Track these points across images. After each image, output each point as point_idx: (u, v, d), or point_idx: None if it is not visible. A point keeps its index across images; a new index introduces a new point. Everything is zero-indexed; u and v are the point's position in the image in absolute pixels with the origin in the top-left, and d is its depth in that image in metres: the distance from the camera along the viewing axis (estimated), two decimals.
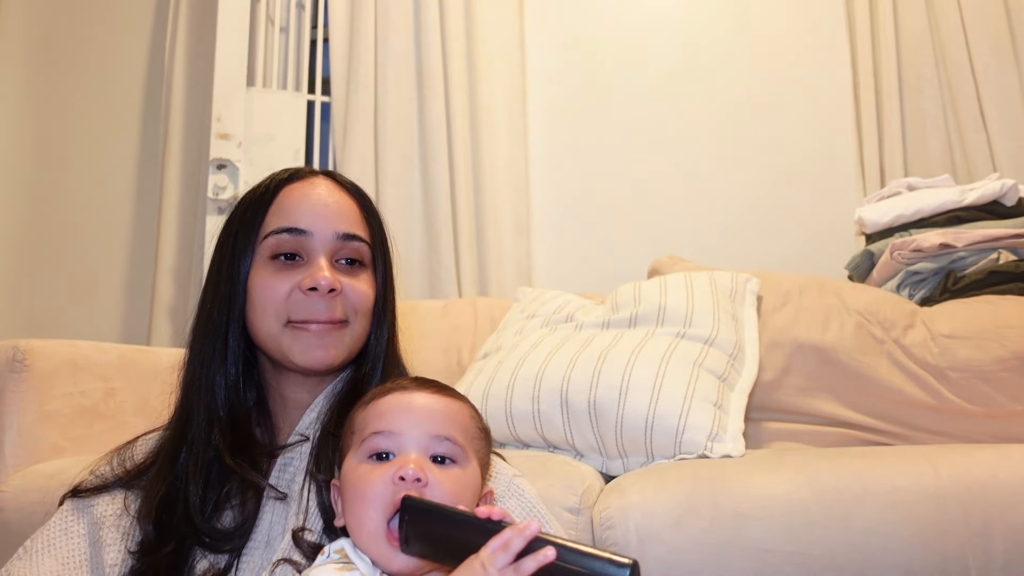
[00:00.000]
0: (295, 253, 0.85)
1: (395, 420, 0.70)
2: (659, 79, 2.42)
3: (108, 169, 2.54)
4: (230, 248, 0.87)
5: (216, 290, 0.87)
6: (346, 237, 0.86)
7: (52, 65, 2.58)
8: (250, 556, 0.78)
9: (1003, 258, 1.64)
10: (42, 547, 0.81)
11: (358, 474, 0.69)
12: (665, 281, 1.54)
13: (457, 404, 0.74)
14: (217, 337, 0.85)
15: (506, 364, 1.42)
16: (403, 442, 0.69)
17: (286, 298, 0.83)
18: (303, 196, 0.87)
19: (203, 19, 2.40)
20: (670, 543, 1.00)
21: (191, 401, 0.85)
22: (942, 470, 1.04)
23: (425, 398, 0.72)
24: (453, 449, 0.70)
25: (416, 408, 0.71)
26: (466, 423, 0.73)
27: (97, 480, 0.86)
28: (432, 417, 0.70)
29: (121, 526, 0.82)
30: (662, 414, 1.24)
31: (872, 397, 1.47)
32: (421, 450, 0.69)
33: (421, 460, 0.68)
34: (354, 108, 2.29)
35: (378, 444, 0.69)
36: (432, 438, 0.69)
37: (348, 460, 0.71)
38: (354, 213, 0.88)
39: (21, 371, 1.34)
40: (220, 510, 0.80)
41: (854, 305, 1.55)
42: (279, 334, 0.83)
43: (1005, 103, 2.22)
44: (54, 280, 2.50)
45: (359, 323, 0.86)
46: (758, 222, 2.33)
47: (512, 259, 2.26)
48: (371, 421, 0.71)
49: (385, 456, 0.69)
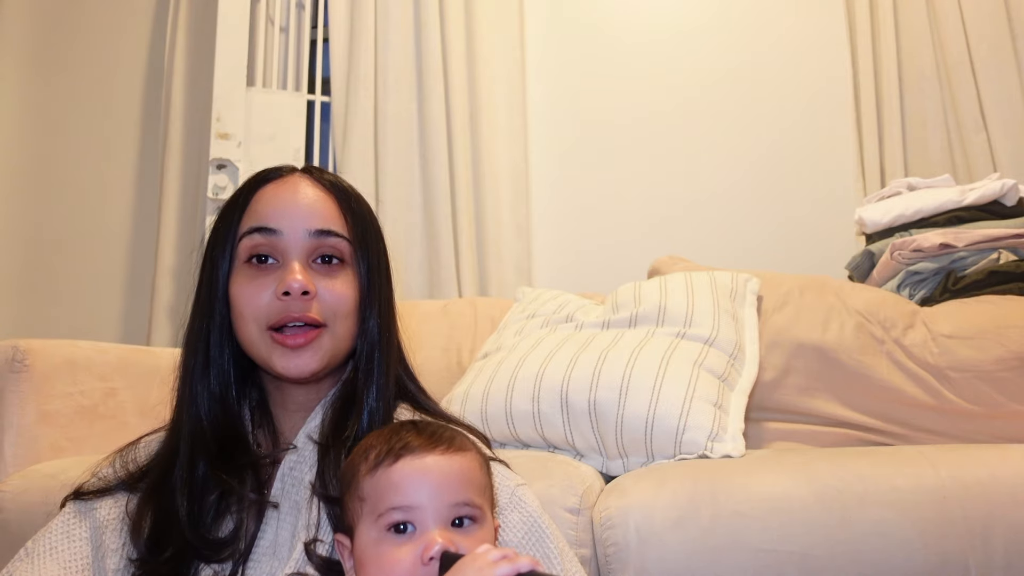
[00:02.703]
0: (268, 255, 0.83)
1: (412, 493, 0.68)
2: (659, 79, 2.42)
3: (108, 169, 2.54)
4: (210, 255, 0.86)
5: (198, 300, 0.86)
6: (320, 233, 0.84)
7: (52, 65, 2.58)
8: (256, 563, 0.77)
9: (1003, 258, 1.64)
10: (44, 550, 0.80)
11: (379, 551, 0.68)
12: (665, 281, 1.54)
13: (468, 460, 0.73)
14: (198, 348, 0.85)
15: (506, 364, 1.42)
16: (423, 515, 0.68)
17: (265, 305, 0.82)
18: (275, 195, 0.85)
19: (203, 19, 2.40)
20: (670, 543, 1.00)
21: (179, 412, 0.85)
22: (942, 470, 1.04)
23: (438, 462, 0.70)
24: (473, 511, 0.70)
25: (432, 475, 0.69)
26: (480, 480, 0.73)
27: (100, 482, 0.85)
28: (450, 483, 0.69)
29: (123, 532, 0.81)
30: (662, 414, 1.24)
31: (872, 397, 1.47)
32: (442, 521, 0.68)
33: (446, 534, 0.67)
34: (354, 108, 2.29)
35: (396, 519, 0.68)
36: (452, 506, 0.69)
37: (363, 531, 0.70)
38: (330, 208, 0.86)
39: (21, 371, 1.34)
40: (220, 518, 0.80)
41: (854, 305, 1.54)
42: (260, 342, 0.83)
43: (1005, 103, 2.22)
44: (54, 280, 2.50)
45: (340, 325, 0.84)
46: (758, 222, 2.33)
47: (512, 259, 2.26)
48: (385, 494, 0.69)
49: (403, 528, 0.68)
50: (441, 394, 1.51)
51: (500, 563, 0.60)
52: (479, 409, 1.39)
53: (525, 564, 0.61)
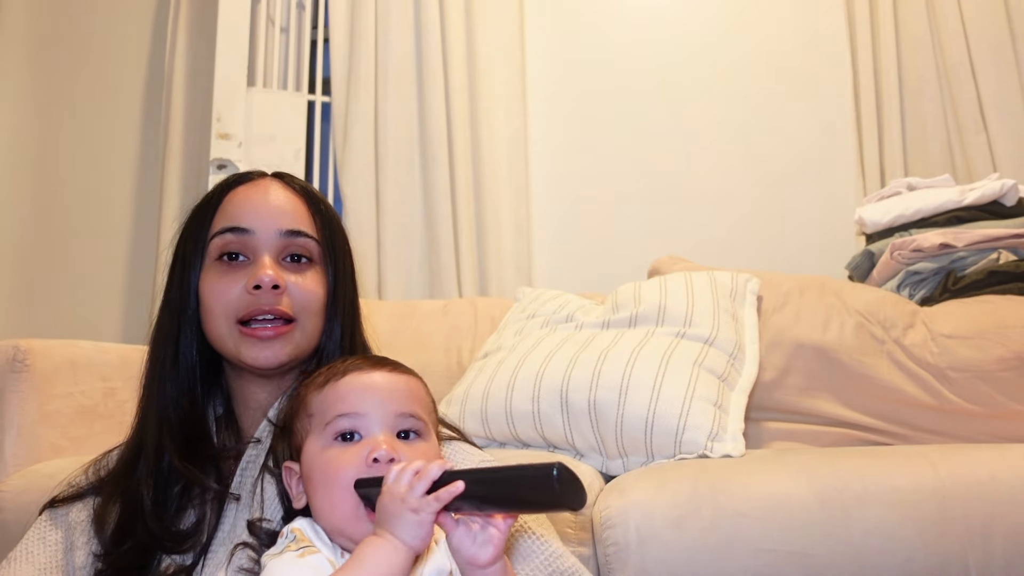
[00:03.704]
0: (239, 253, 0.86)
1: (358, 401, 0.70)
2: (659, 79, 2.42)
3: (109, 169, 2.54)
4: (180, 255, 0.88)
5: (167, 297, 0.88)
6: (290, 234, 0.87)
7: (53, 65, 2.58)
8: (214, 554, 0.79)
9: (1003, 258, 1.64)
10: (21, 555, 0.84)
11: (326, 457, 0.69)
12: (665, 281, 1.54)
13: (415, 380, 0.75)
14: (168, 344, 0.87)
15: (506, 364, 1.42)
16: (369, 423, 0.70)
17: (235, 300, 0.84)
18: (246, 197, 0.88)
19: (203, 19, 2.40)
20: (670, 543, 1.00)
21: (146, 408, 0.87)
22: (942, 470, 1.04)
23: (384, 377, 0.73)
24: (417, 424, 0.71)
25: (378, 387, 0.71)
26: (425, 398, 0.75)
27: (72, 490, 0.88)
28: (394, 395, 0.71)
29: (89, 531, 0.84)
30: (662, 414, 1.24)
31: (872, 397, 1.47)
32: (388, 428, 0.70)
33: (391, 439, 0.69)
34: (354, 108, 2.29)
35: (343, 426, 0.70)
36: (397, 416, 0.70)
37: (310, 443, 0.71)
38: (300, 211, 0.89)
39: (22, 371, 1.34)
40: (183, 511, 0.82)
41: (854, 305, 1.55)
42: (229, 335, 0.84)
43: (1005, 103, 2.22)
44: (54, 280, 2.50)
45: (309, 321, 0.87)
46: (758, 222, 2.33)
47: (512, 259, 2.26)
48: (333, 404, 0.71)
49: (350, 436, 0.70)
50: (441, 394, 1.51)
51: (415, 484, 0.61)
52: (479, 409, 1.39)
53: (435, 470, 0.62)
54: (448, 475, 0.61)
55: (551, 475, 0.55)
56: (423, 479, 0.61)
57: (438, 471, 0.61)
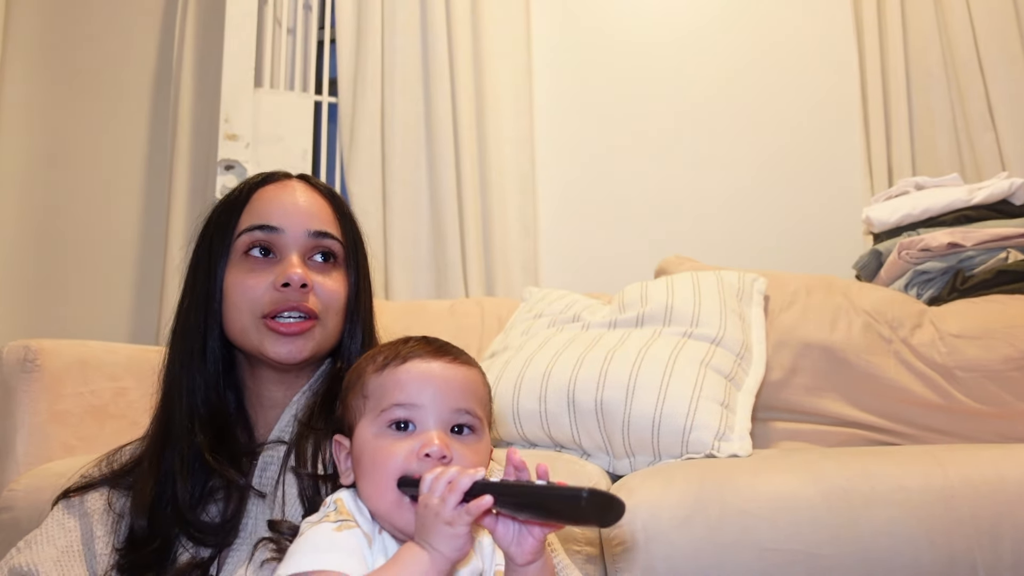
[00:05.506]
0: (268, 249, 0.87)
1: (416, 392, 0.70)
2: (666, 79, 2.42)
3: (117, 170, 2.55)
4: (206, 250, 0.90)
5: (193, 291, 0.89)
6: (318, 235, 0.89)
7: (61, 66, 2.60)
8: (236, 550, 0.80)
9: (1012, 257, 1.63)
10: (42, 538, 0.85)
11: (378, 444, 0.70)
12: (672, 281, 1.54)
13: (474, 372, 0.75)
14: (196, 337, 0.88)
15: (513, 364, 1.43)
16: (424, 415, 0.70)
17: (261, 296, 0.85)
18: (275, 197, 0.90)
19: (211, 20, 2.41)
20: (677, 542, 1.00)
21: (172, 401, 0.88)
22: (950, 470, 1.04)
23: (444, 368, 0.72)
24: (472, 420, 0.72)
25: (436, 379, 0.71)
26: (482, 392, 0.75)
27: (84, 481, 0.89)
28: (452, 389, 0.71)
29: (106, 522, 0.85)
30: (669, 414, 1.24)
31: (880, 397, 1.46)
32: (442, 424, 0.70)
33: (444, 436, 0.69)
34: (361, 109, 2.29)
35: (398, 415, 0.70)
36: (453, 411, 0.71)
37: (363, 426, 0.72)
38: (326, 213, 0.91)
39: (32, 371, 1.35)
40: (206, 503, 0.83)
41: (862, 305, 1.54)
42: (252, 329, 0.85)
43: (1014, 101, 2.21)
44: (64, 281, 2.51)
45: (331, 320, 0.88)
46: (765, 221, 2.33)
47: (519, 259, 2.27)
48: (390, 390, 0.71)
49: (404, 426, 0.70)
50: None
51: (447, 497, 0.62)
52: None
53: (466, 482, 0.62)
54: (479, 486, 0.62)
55: (580, 498, 0.57)
56: (454, 491, 0.62)
57: (468, 482, 0.62)
